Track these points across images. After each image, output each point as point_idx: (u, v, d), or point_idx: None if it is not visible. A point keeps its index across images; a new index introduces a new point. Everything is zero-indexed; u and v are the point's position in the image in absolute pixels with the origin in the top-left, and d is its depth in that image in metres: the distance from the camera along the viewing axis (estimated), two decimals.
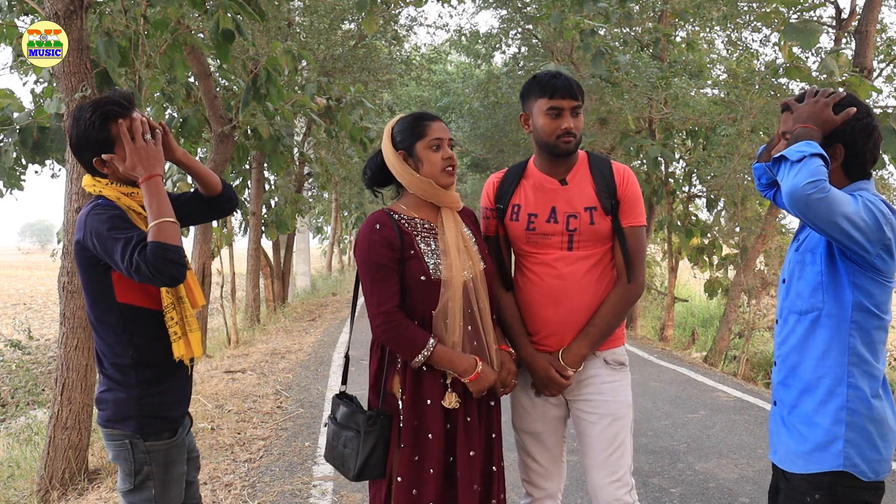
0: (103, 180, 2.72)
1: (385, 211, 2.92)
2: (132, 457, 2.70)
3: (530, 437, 3.15)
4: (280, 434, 6.47)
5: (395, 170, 2.92)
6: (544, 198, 3.05)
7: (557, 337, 3.03)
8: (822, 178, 2.19)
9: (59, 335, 5.23)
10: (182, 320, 2.72)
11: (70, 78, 5.05)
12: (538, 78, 3.00)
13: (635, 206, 3.04)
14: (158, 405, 2.74)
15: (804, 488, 2.40)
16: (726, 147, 12.94)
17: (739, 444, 6.31)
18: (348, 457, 2.92)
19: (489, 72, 26.06)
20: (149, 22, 6.79)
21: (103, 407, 2.73)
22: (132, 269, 2.48)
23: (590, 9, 9.04)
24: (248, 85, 8.30)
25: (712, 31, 17.34)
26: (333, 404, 3.13)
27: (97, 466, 5.55)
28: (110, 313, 2.68)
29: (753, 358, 16.17)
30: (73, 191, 5.12)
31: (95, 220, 2.59)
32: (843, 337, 2.34)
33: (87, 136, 2.66)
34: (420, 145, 2.87)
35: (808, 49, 8.77)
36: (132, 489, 2.72)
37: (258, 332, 13.53)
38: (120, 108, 2.66)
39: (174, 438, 2.78)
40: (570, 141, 2.94)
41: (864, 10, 11.56)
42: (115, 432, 2.71)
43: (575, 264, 2.99)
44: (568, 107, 2.93)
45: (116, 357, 2.70)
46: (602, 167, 3.06)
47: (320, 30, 15.69)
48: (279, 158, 11.31)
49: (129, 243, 2.49)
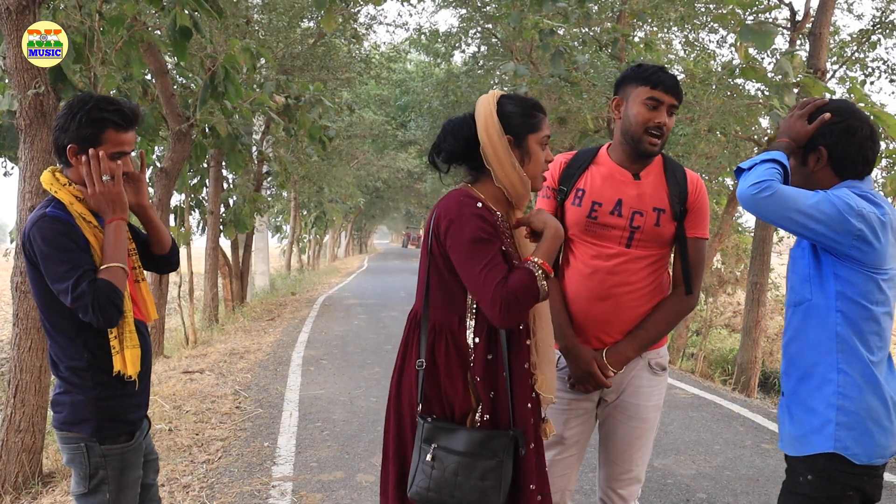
0: (62, 179, 2.67)
1: (471, 192, 2.56)
2: (87, 460, 2.65)
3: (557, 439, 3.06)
4: (239, 435, 6.42)
5: (496, 153, 2.51)
6: (613, 188, 2.95)
7: (600, 334, 2.97)
8: (768, 179, 2.38)
9: (12, 336, 5.14)
10: (120, 335, 2.65)
11: (23, 74, 4.97)
12: (644, 67, 2.91)
13: (703, 217, 3.01)
14: (117, 408, 2.69)
15: (800, 470, 2.49)
16: (684, 147, 13.06)
17: (697, 441, 6.38)
18: (490, 491, 2.39)
19: (449, 71, 26.08)
20: (104, 18, 6.69)
21: (59, 409, 2.68)
22: (74, 296, 2.48)
23: (549, 9, 9.06)
24: (205, 83, 8.22)
25: (670, 32, 17.51)
26: (430, 430, 2.46)
27: (52, 470, 5.46)
28: (61, 318, 2.63)
29: (711, 355, 16.39)
30: (27, 189, 5.03)
31: (39, 235, 2.56)
32: (830, 326, 2.44)
33: (76, 124, 2.61)
34: (532, 138, 2.56)
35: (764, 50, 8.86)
36: (86, 493, 2.68)
37: (216, 332, 13.42)
38: (120, 119, 2.64)
39: (131, 442, 2.74)
40: (657, 142, 2.88)
41: (818, 13, 11.77)
42: (71, 435, 2.66)
43: (631, 263, 2.92)
44: (667, 103, 2.85)
45: (72, 360, 2.65)
46: (677, 172, 3.01)
47: (279, 28, 15.59)
48: (237, 157, 11.21)
49: (78, 270, 2.50)
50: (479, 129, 2.51)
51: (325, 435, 6.39)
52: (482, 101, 2.56)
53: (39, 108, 5.02)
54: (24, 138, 5.05)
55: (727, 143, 13.12)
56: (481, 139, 2.51)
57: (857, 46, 14.82)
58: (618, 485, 3.05)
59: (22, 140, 5.06)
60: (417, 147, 34.56)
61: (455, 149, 2.57)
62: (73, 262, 2.51)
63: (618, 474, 3.05)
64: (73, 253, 2.53)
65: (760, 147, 12.73)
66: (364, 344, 11.62)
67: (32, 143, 5.03)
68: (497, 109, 2.53)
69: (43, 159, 5.06)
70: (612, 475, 3.07)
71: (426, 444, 2.44)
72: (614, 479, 3.06)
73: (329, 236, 50.74)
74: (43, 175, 2.71)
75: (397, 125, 31.64)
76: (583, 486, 5.09)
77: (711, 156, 13.51)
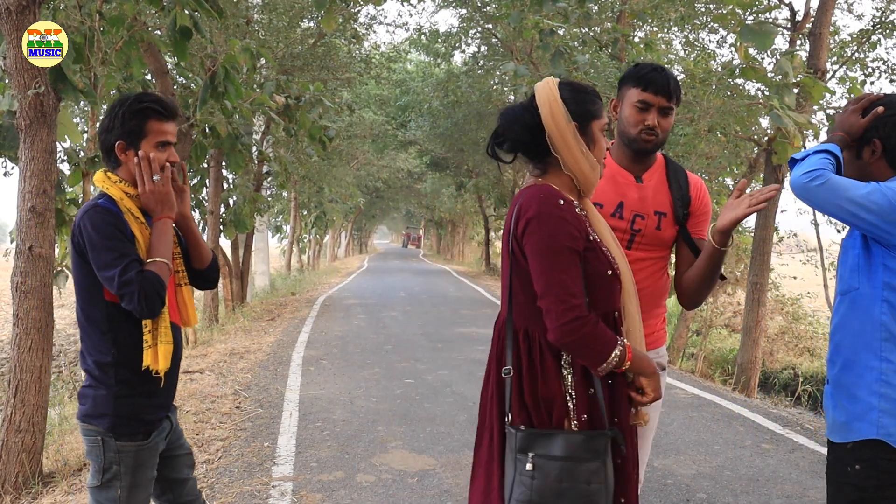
0: (112, 177, 2.77)
1: (551, 189, 2.43)
2: (103, 454, 2.72)
3: None
4: (239, 435, 6.42)
5: (564, 140, 2.41)
6: (615, 190, 2.94)
7: None
8: (820, 168, 2.44)
9: (13, 336, 5.13)
10: (154, 330, 2.72)
11: (23, 74, 4.97)
12: (638, 67, 2.91)
13: (706, 220, 3.03)
14: (134, 407, 2.75)
15: (846, 459, 2.52)
16: (684, 147, 13.06)
17: (697, 441, 6.38)
18: (597, 495, 2.29)
19: (449, 71, 26.10)
20: (104, 18, 6.69)
21: (83, 401, 2.77)
22: (121, 282, 2.56)
23: (549, 9, 9.06)
24: (205, 83, 8.21)
25: (670, 32, 17.51)
26: (525, 438, 2.33)
27: (52, 470, 5.46)
28: (97, 310, 2.71)
29: (711, 355, 16.39)
30: (27, 189, 5.03)
31: (90, 222, 2.64)
32: (875, 315, 2.48)
33: (120, 121, 2.73)
34: (596, 125, 2.48)
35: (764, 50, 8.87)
36: (99, 486, 2.74)
37: (216, 332, 13.41)
38: (161, 108, 2.77)
39: (146, 441, 2.78)
40: (651, 140, 2.86)
41: (818, 13, 11.76)
42: (91, 427, 2.74)
43: (633, 265, 2.85)
44: (657, 104, 2.84)
45: (99, 354, 2.72)
46: (679, 175, 3.02)
47: (279, 28, 15.58)
48: (237, 157, 11.21)
49: (126, 258, 2.59)
50: (545, 116, 2.42)
51: (325, 435, 6.39)
52: (544, 88, 2.46)
53: (40, 108, 5.02)
54: (24, 138, 5.05)
55: (727, 144, 13.13)
56: (548, 126, 2.41)
57: (857, 46, 14.81)
58: None
59: (22, 140, 5.06)
60: (417, 147, 34.60)
61: (521, 137, 2.46)
62: (120, 250, 2.60)
63: None
64: (121, 242, 2.62)
65: (761, 147, 12.73)
66: (364, 344, 11.62)
67: (33, 143, 5.03)
68: (559, 95, 2.44)
69: (43, 159, 5.07)
70: None
71: (522, 454, 2.32)
72: None
73: (329, 236, 50.76)
74: (96, 175, 2.81)
75: (397, 125, 31.67)
76: None
77: (711, 156, 13.52)
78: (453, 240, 62.90)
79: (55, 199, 5.39)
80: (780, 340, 18.20)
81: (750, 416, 7.40)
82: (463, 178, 36.92)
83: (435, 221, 65.77)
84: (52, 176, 5.17)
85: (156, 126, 2.76)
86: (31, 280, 5.07)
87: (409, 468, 5.52)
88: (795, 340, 18.14)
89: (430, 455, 5.88)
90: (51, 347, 5.29)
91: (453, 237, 62.78)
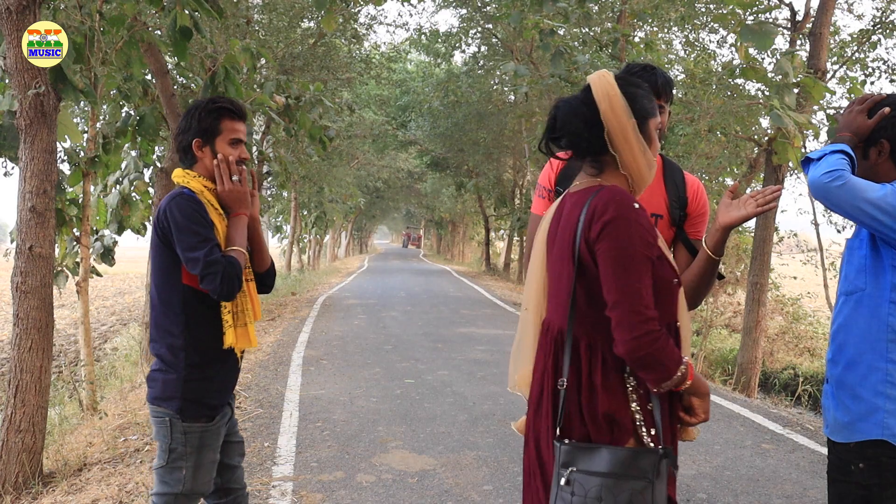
0: (191, 172, 2.99)
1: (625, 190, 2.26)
2: (170, 435, 2.90)
3: None
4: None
5: (625, 137, 2.25)
6: None
7: None
8: (840, 168, 2.43)
9: (13, 336, 5.14)
10: (235, 311, 2.94)
11: (23, 74, 4.97)
12: (629, 67, 2.87)
13: (704, 221, 3.00)
14: (201, 390, 2.93)
15: (850, 458, 2.53)
16: (684, 147, 13.07)
17: (697, 441, 6.37)
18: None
19: (449, 71, 26.14)
20: (105, 18, 6.69)
21: (152, 385, 2.95)
22: (207, 261, 2.74)
23: (549, 9, 9.07)
24: (206, 83, 8.21)
25: (670, 32, 17.52)
26: (568, 452, 2.19)
27: (52, 470, 5.46)
28: (174, 293, 2.90)
29: (711, 356, 16.37)
30: (27, 189, 5.03)
31: (176, 208, 2.83)
32: (882, 316, 2.48)
33: (196, 121, 2.96)
34: (652, 123, 2.34)
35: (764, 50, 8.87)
36: (164, 466, 2.92)
37: None
38: (233, 108, 3.00)
39: (211, 424, 2.96)
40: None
41: (818, 13, 11.76)
42: (160, 409, 2.92)
43: None
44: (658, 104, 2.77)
45: (171, 337, 2.90)
46: (676, 177, 2.97)
47: (279, 28, 15.60)
48: None
49: (210, 242, 2.79)
50: (605, 111, 2.24)
51: (325, 435, 6.39)
52: (602, 81, 2.29)
53: (40, 108, 5.02)
54: (24, 138, 5.05)
55: (727, 144, 13.13)
56: (608, 122, 2.24)
57: (857, 46, 14.81)
58: None
59: (22, 140, 5.06)
60: (417, 147, 34.60)
61: (580, 132, 2.28)
62: (205, 234, 2.80)
63: None
64: (204, 228, 2.82)
65: (761, 147, 12.73)
66: (364, 344, 11.61)
67: (33, 143, 5.03)
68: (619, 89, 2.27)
69: (43, 159, 5.07)
70: None
71: (563, 469, 2.19)
72: None
73: (329, 236, 50.75)
74: (175, 171, 3.02)
75: (397, 125, 31.68)
76: None
77: (711, 156, 13.52)
78: (453, 240, 62.94)
79: (55, 199, 5.40)
80: (780, 340, 18.19)
81: (750, 416, 7.40)
82: (463, 178, 36.92)
83: (435, 221, 65.76)
84: (52, 176, 5.17)
85: (229, 124, 2.99)
86: (32, 280, 5.07)
87: (409, 468, 5.52)
88: (795, 340, 18.14)
89: (431, 455, 5.88)
90: (51, 347, 5.29)
91: (453, 237, 62.82)
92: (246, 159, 3.06)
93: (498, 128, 25.42)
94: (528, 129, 21.39)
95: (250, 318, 3.02)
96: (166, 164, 9.98)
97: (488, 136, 26.70)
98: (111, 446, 6.04)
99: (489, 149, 28.48)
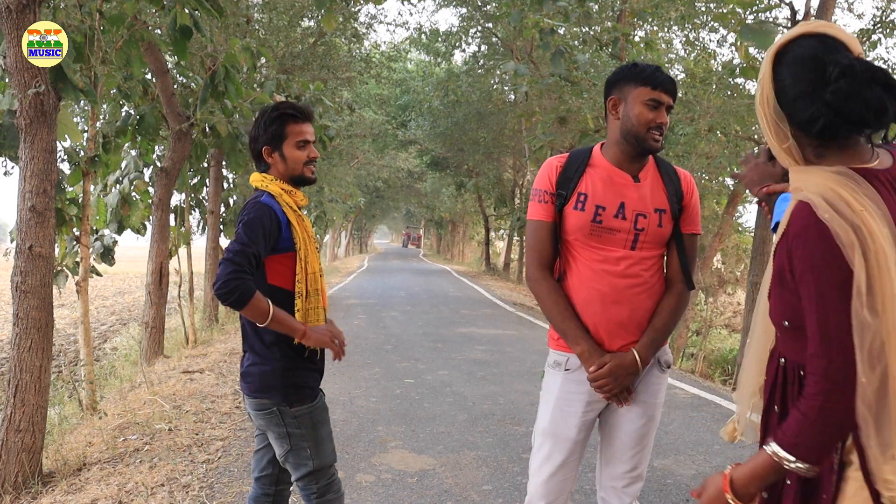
0: (269, 176, 3.13)
1: None
2: (283, 422, 3.08)
3: (564, 442, 3.02)
4: (238, 434, 6.41)
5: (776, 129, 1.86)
6: (614, 192, 2.92)
7: (616, 337, 2.93)
8: None
9: (13, 336, 5.13)
10: (306, 311, 3.08)
11: (23, 73, 4.97)
12: (640, 67, 2.88)
13: (697, 214, 3.05)
14: (298, 376, 3.10)
15: None
16: (684, 146, 13.07)
17: (696, 441, 6.37)
18: None
19: (449, 70, 26.14)
20: (105, 17, 6.69)
21: (249, 380, 3.11)
22: (234, 253, 2.87)
23: (549, 8, 9.06)
24: (206, 82, 8.21)
25: (670, 31, 17.53)
26: None
27: (51, 469, 5.45)
28: (264, 293, 2.99)
29: (711, 355, 16.38)
30: (27, 188, 5.03)
31: (253, 209, 3.00)
32: None
33: (263, 129, 3.12)
34: None
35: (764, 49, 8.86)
36: (290, 451, 3.11)
37: (216, 332, 13.41)
38: (295, 112, 3.12)
39: (315, 402, 3.15)
40: (660, 139, 2.87)
41: (818, 12, 11.77)
42: (263, 401, 3.08)
43: (638, 264, 2.91)
44: (666, 103, 2.86)
45: (265, 333, 3.07)
46: (670, 172, 3.02)
47: (279, 27, 15.59)
48: (238, 156, 11.20)
49: (252, 247, 2.91)
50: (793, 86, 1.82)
51: None
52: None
53: (40, 108, 5.02)
54: (24, 137, 5.04)
55: (727, 143, 13.14)
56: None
57: None
58: (623, 483, 3.03)
59: (22, 139, 5.05)
60: (417, 146, 34.61)
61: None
62: (254, 240, 2.92)
63: (623, 473, 3.03)
64: (257, 237, 2.94)
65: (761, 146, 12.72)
66: (364, 344, 11.61)
67: (33, 143, 5.03)
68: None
69: (43, 158, 5.06)
70: (616, 474, 3.04)
71: None
72: (619, 477, 3.03)
73: (329, 236, 50.74)
74: (252, 176, 3.18)
75: (397, 125, 31.68)
76: (582, 485, 5.09)
77: (711, 155, 13.53)
78: (453, 239, 62.95)
79: (55, 198, 5.39)
80: None
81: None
82: (463, 177, 36.93)
83: (435, 221, 65.79)
84: (52, 175, 5.17)
85: (293, 128, 3.11)
86: (31, 279, 5.07)
87: (408, 468, 5.51)
88: None
89: (430, 455, 5.88)
90: (50, 347, 5.29)
91: (453, 237, 62.83)
92: (316, 158, 3.19)
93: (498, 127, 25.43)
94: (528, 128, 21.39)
95: (321, 317, 3.16)
96: (166, 163, 9.99)
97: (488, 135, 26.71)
98: (111, 446, 6.03)
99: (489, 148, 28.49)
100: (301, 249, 3.07)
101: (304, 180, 3.19)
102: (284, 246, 3.05)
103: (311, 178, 3.21)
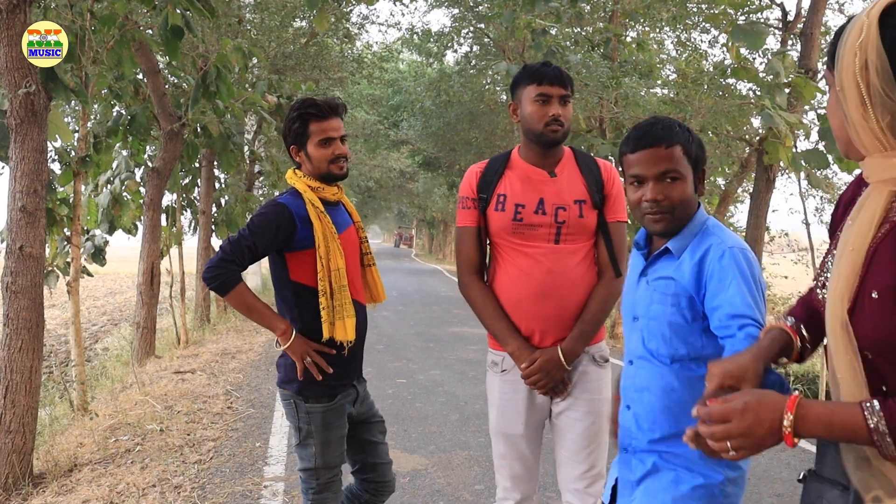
0: (299, 173, 3.21)
1: None
2: (296, 415, 3.18)
3: (513, 440, 3.09)
4: (230, 435, 6.41)
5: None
6: (532, 189, 3.00)
7: (545, 333, 2.99)
8: None
9: (3, 337, 5.12)
10: (332, 307, 3.11)
11: (14, 73, 4.96)
12: (528, 67, 3.00)
13: (620, 201, 3.07)
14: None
15: None
16: None
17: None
18: None
19: (441, 70, 26.09)
20: (95, 17, 6.67)
21: (279, 370, 3.24)
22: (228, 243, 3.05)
23: (541, 8, 9.07)
24: (197, 82, 8.20)
25: (662, 32, 17.52)
26: None
27: (42, 470, 5.44)
28: (286, 289, 3.17)
29: None
30: (17, 189, 5.02)
31: (264, 207, 3.14)
32: None
33: (288, 129, 3.19)
34: None
35: (755, 50, 8.91)
36: (299, 444, 3.20)
37: (208, 332, 13.39)
38: (316, 109, 3.13)
39: (331, 403, 3.18)
40: (558, 130, 2.93)
41: (809, 13, 11.78)
42: (285, 392, 3.21)
43: (564, 259, 2.96)
44: (556, 94, 2.92)
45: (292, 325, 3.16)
46: (588, 163, 3.08)
47: (271, 27, 15.57)
48: (229, 157, 11.19)
49: (248, 241, 3.03)
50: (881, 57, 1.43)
51: None
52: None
53: (30, 107, 5.01)
54: (14, 137, 5.03)
55: (719, 143, 13.15)
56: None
57: None
58: (584, 484, 3.02)
59: (12, 139, 5.04)
60: (409, 146, 34.57)
61: None
62: (253, 239, 3.04)
63: (581, 474, 3.02)
64: (260, 237, 3.04)
65: (752, 147, 12.75)
66: None
67: (23, 142, 5.02)
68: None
69: (34, 159, 5.05)
70: (574, 475, 3.03)
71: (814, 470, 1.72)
72: (578, 479, 3.02)
73: None
74: (287, 173, 3.27)
75: (389, 125, 31.66)
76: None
77: None
78: (445, 239, 62.87)
79: (46, 198, 5.37)
80: None
81: None
82: (455, 177, 36.84)
83: (427, 221, 65.72)
84: (42, 175, 5.16)
85: (315, 127, 3.13)
86: (22, 280, 5.06)
87: (400, 468, 5.51)
88: None
89: (422, 455, 5.88)
90: (41, 348, 5.28)
91: (445, 237, 62.76)
92: (343, 154, 3.20)
93: (490, 127, 25.40)
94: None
95: (349, 313, 3.15)
96: (157, 163, 9.97)
97: (480, 135, 26.68)
98: (102, 447, 6.02)
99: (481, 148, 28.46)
100: (321, 247, 3.08)
101: (331, 177, 3.20)
102: (302, 244, 3.09)
103: (340, 175, 3.21)
